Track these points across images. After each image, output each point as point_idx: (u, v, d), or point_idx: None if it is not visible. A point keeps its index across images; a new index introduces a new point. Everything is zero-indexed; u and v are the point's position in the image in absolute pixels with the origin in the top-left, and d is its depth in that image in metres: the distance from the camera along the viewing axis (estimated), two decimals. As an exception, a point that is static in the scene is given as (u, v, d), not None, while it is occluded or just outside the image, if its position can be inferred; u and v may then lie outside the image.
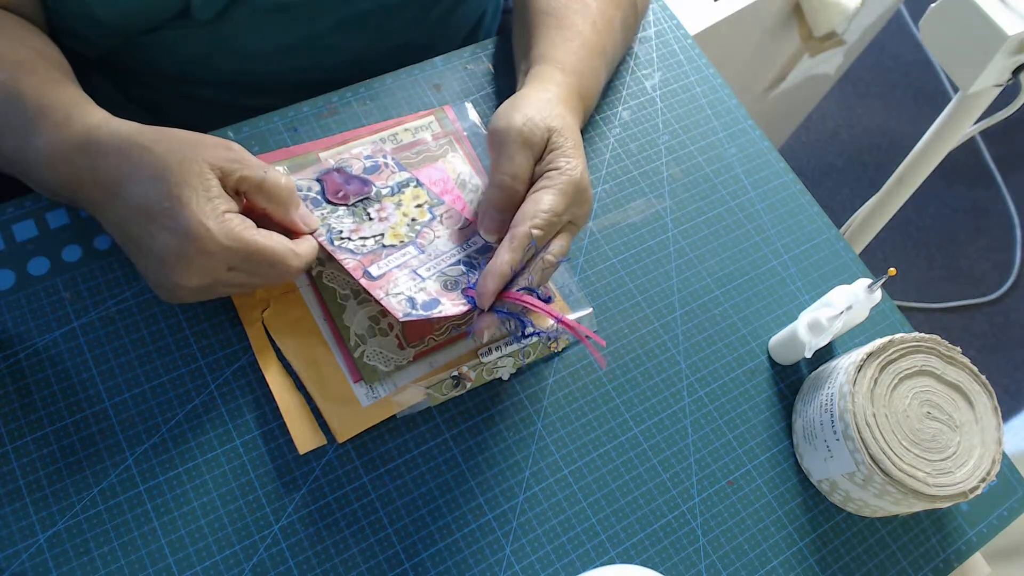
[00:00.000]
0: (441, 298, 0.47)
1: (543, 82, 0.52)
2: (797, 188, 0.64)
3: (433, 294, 0.47)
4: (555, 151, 0.48)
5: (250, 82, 0.63)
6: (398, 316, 0.45)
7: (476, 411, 0.51)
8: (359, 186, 0.53)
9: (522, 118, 0.48)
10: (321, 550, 0.45)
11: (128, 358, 0.48)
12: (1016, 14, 0.74)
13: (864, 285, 0.52)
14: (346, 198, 0.52)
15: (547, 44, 0.55)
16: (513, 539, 0.48)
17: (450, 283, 0.48)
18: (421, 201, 0.53)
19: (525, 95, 0.51)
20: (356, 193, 0.52)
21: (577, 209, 0.48)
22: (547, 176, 0.47)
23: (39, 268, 0.49)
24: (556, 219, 0.46)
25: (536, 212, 0.46)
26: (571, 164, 0.47)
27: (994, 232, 1.82)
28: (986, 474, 0.48)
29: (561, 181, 0.47)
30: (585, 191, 0.48)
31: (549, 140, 0.48)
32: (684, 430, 0.53)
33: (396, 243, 0.50)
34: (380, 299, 0.46)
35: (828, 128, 1.90)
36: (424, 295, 0.47)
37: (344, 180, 0.53)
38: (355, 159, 0.54)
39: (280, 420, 0.48)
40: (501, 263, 0.45)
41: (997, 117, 0.84)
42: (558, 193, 0.46)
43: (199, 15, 0.55)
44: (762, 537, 0.51)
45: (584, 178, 0.48)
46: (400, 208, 0.52)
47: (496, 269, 0.45)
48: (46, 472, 0.45)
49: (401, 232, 0.51)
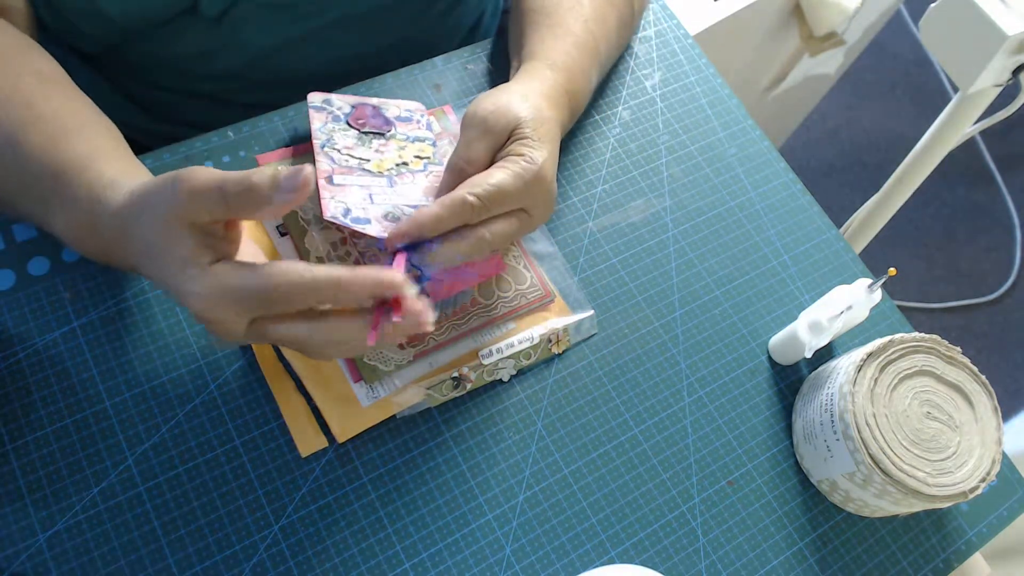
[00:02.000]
0: (373, 220, 0.47)
1: (529, 77, 0.52)
2: (797, 188, 0.64)
3: (371, 216, 0.47)
4: (519, 140, 0.48)
5: (252, 78, 0.63)
6: (325, 215, 0.45)
7: (476, 411, 0.51)
8: (381, 123, 0.54)
9: (491, 105, 0.48)
10: (321, 550, 0.45)
11: (128, 358, 0.48)
12: (1016, 14, 0.74)
13: (864, 285, 0.52)
14: (363, 126, 0.53)
15: (537, 41, 0.55)
16: (513, 539, 0.48)
17: (391, 217, 0.48)
18: (424, 155, 0.54)
19: (504, 87, 0.51)
20: (375, 127, 0.54)
21: (531, 199, 0.47)
22: (505, 159, 0.47)
23: (39, 268, 0.49)
24: (500, 196, 0.45)
25: (481, 183, 0.45)
26: (533, 153, 0.47)
27: (994, 232, 1.82)
28: (986, 474, 0.48)
29: (518, 165, 0.46)
30: (543, 182, 0.47)
31: (514, 130, 0.48)
32: (684, 430, 0.53)
33: (374, 171, 0.51)
34: (322, 198, 0.46)
35: (828, 128, 1.90)
36: (362, 213, 0.47)
37: (372, 114, 0.54)
38: (395, 106, 0.56)
39: (280, 420, 0.48)
40: (425, 213, 0.44)
41: (997, 117, 0.84)
42: (510, 174, 0.46)
43: (207, 11, 0.55)
44: (762, 537, 0.51)
45: (545, 169, 0.47)
46: (400, 151, 0.53)
47: (418, 216, 0.44)
48: (46, 472, 0.45)
49: (385, 167, 0.51)
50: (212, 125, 0.56)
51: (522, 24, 0.57)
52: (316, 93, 0.54)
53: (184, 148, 0.55)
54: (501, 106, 0.48)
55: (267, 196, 0.37)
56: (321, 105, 0.53)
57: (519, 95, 0.50)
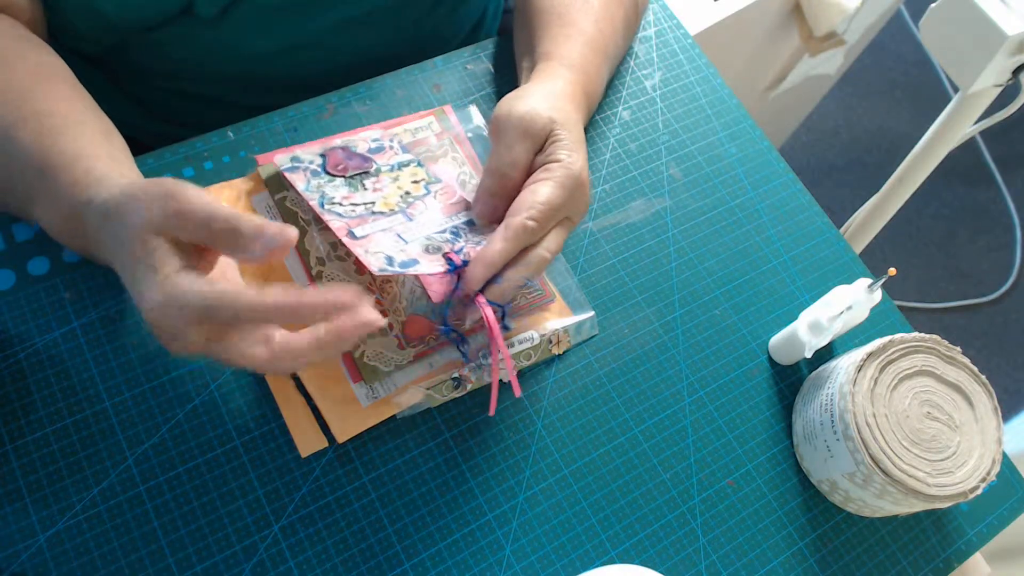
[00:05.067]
0: (420, 259, 0.46)
1: (549, 77, 0.52)
2: (797, 188, 0.64)
3: (414, 255, 0.46)
4: (556, 143, 0.48)
5: (251, 80, 0.63)
6: (374, 270, 0.44)
7: (476, 411, 0.51)
8: (360, 162, 0.53)
9: (525, 107, 0.48)
10: (321, 550, 0.45)
11: (128, 358, 0.48)
12: (1016, 14, 0.74)
13: (864, 285, 0.52)
14: (345, 171, 0.52)
15: (551, 42, 0.55)
16: (513, 539, 0.48)
17: (432, 248, 0.47)
18: (418, 178, 0.53)
19: (529, 87, 0.51)
20: (356, 168, 0.52)
21: (574, 204, 0.48)
22: (546, 168, 0.47)
23: (39, 268, 0.49)
24: (553, 212, 0.46)
25: (533, 203, 0.45)
26: (572, 157, 0.47)
27: (994, 232, 1.82)
28: (986, 474, 0.48)
29: (561, 174, 0.46)
30: (583, 186, 0.48)
31: (551, 132, 0.48)
32: (684, 430, 0.53)
33: (385, 211, 0.50)
34: (359, 255, 0.45)
35: (828, 128, 1.90)
36: (404, 255, 0.46)
37: (346, 156, 0.53)
38: (361, 140, 0.55)
39: (280, 420, 0.48)
40: (493, 252, 0.44)
41: (997, 117, 0.84)
42: (556, 185, 0.46)
43: (203, 12, 0.55)
44: (762, 537, 0.51)
45: (584, 173, 0.48)
46: (396, 182, 0.52)
47: (487, 257, 0.44)
48: (46, 472, 0.45)
49: (392, 202, 0.50)
50: (213, 126, 0.56)
51: (532, 23, 0.57)
52: (279, 153, 0.52)
53: (185, 148, 0.55)
54: (536, 108, 0.48)
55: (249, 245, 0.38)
56: (292, 165, 0.51)
57: (547, 96, 0.49)
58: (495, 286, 0.45)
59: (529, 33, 0.57)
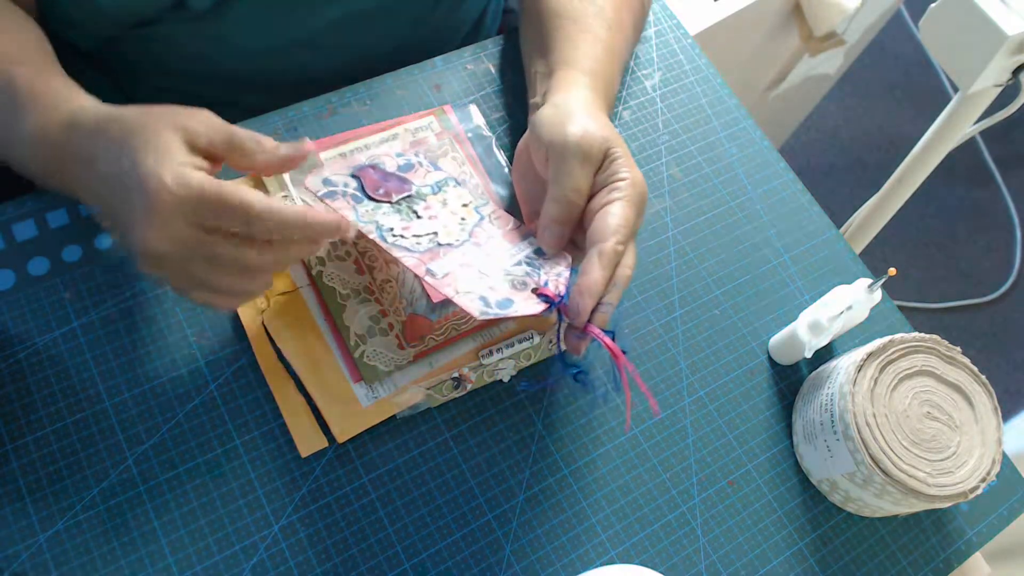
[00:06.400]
0: (513, 297, 0.46)
1: (574, 86, 0.52)
2: (797, 188, 0.64)
3: (504, 293, 0.46)
4: (615, 161, 0.48)
5: (249, 80, 0.63)
6: (475, 315, 0.43)
7: (476, 411, 0.51)
8: (398, 183, 0.51)
9: (578, 130, 0.47)
10: (321, 550, 0.45)
11: (128, 358, 0.48)
12: (1016, 14, 0.74)
13: (864, 285, 0.52)
14: (388, 195, 0.50)
15: (570, 48, 0.54)
16: (513, 539, 0.48)
17: (517, 283, 0.47)
18: (466, 201, 0.52)
19: (566, 102, 0.50)
20: (397, 191, 0.50)
21: (641, 219, 0.48)
22: (615, 188, 0.47)
23: (39, 268, 0.49)
24: (633, 232, 0.46)
25: (616, 227, 0.45)
26: (632, 173, 0.47)
27: (994, 232, 1.82)
28: (986, 474, 0.48)
29: (630, 192, 0.47)
30: (645, 199, 0.48)
31: (607, 151, 0.48)
32: (684, 430, 0.53)
33: (452, 242, 0.49)
34: (452, 298, 0.44)
35: (828, 128, 1.90)
36: (495, 294, 0.45)
37: (381, 177, 0.51)
38: (387, 156, 0.53)
39: (280, 420, 0.48)
40: (594, 281, 0.44)
41: (997, 117, 0.84)
42: (629, 204, 0.46)
43: (195, 4, 0.55)
44: (762, 537, 0.51)
45: (645, 186, 0.48)
46: (447, 207, 0.51)
47: (592, 288, 0.44)
48: (46, 472, 0.45)
49: (453, 231, 0.49)
50: None
51: (546, 28, 0.57)
52: (311, 177, 0.49)
53: (184, 148, 0.55)
54: (589, 130, 0.48)
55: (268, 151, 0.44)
56: (329, 190, 0.48)
57: (588, 112, 0.49)
58: (598, 314, 0.45)
59: (542, 37, 0.57)
